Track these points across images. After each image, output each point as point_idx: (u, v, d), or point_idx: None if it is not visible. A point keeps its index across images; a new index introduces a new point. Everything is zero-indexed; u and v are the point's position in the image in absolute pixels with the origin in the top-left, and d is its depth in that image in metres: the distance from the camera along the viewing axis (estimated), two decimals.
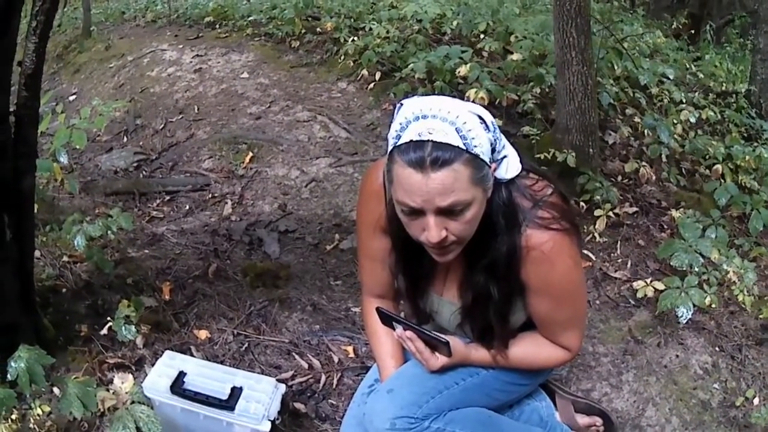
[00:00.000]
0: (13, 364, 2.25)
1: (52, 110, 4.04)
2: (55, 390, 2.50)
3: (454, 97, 1.75)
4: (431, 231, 1.70)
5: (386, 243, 2.04)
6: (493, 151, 1.72)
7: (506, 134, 1.84)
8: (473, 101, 4.38)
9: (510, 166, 1.82)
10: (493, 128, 1.72)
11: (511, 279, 1.91)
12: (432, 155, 1.61)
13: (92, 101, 4.31)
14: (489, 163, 1.71)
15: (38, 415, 2.39)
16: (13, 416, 2.35)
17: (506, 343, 2.11)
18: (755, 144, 4.96)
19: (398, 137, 1.67)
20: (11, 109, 2.40)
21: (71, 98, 6.12)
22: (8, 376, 2.25)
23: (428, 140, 1.62)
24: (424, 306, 2.15)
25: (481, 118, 1.69)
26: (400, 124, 1.67)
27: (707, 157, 4.71)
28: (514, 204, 1.83)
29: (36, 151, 2.59)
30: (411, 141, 1.63)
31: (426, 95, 1.78)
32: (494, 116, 1.74)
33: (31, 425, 2.40)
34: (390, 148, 1.70)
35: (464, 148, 1.63)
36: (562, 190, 1.94)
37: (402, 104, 1.73)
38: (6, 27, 2.25)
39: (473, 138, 1.64)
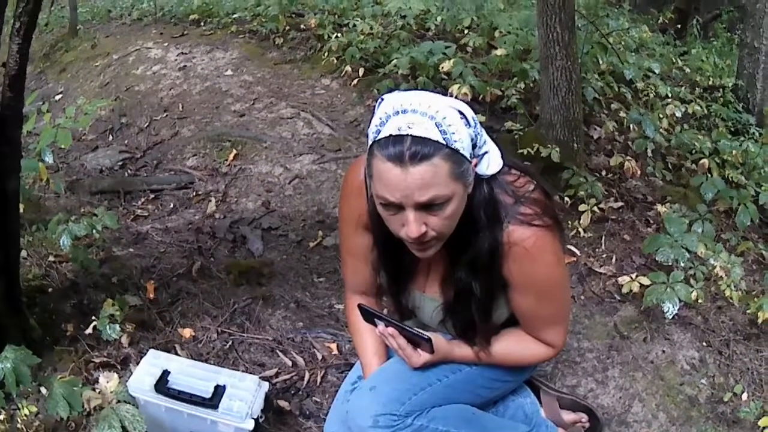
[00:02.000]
0: None
1: (38, 110, 4.01)
2: (42, 390, 2.49)
3: (437, 92, 1.74)
4: (410, 226, 1.70)
5: (368, 240, 2.04)
6: (473, 146, 1.72)
7: (490, 130, 1.84)
8: (456, 97, 4.37)
9: (491, 162, 1.82)
10: (473, 124, 1.72)
11: (493, 275, 1.92)
12: (411, 149, 1.61)
13: (77, 100, 4.29)
14: (469, 159, 1.71)
15: (26, 415, 2.39)
16: (1, 416, 2.36)
17: (489, 340, 2.12)
18: (742, 138, 4.96)
19: (378, 132, 1.66)
20: None
21: (57, 97, 6.08)
22: None
23: (408, 134, 1.61)
24: (407, 302, 2.15)
25: (461, 113, 1.69)
26: (380, 118, 1.67)
27: (693, 151, 4.72)
28: (495, 200, 1.83)
29: (20, 151, 2.58)
30: (390, 135, 1.63)
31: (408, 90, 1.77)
32: (477, 112, 1.74)
33: (18, 425, 2.39)
34: (370, 142, 1.70)
35: (444, 143, 1.63)
36: (544, 186, 1.94)
37: (382, 99, 1.73)
38: None
39: (453, 133, 1.64)
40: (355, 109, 5.22)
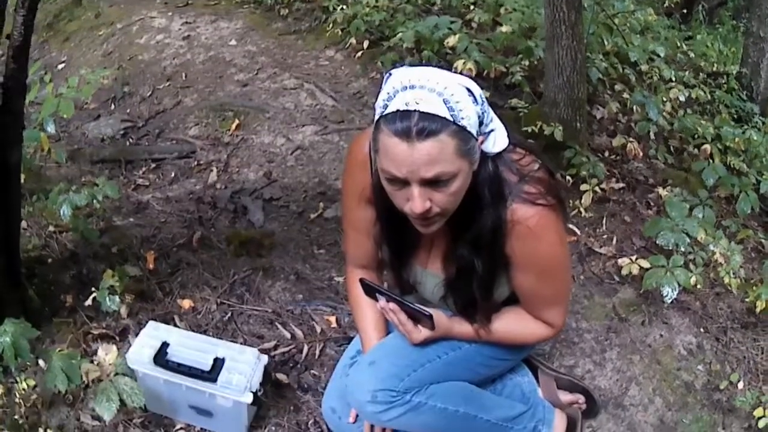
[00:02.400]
0: None
1: (40, 78, 3.98)
2: (41, 362, 2.51)
3: (442, 67, 1.74)
4: (415, 201, 1.70)
5: (371, 214, 2.05)
6: (480, 124, 1.72)
7: (493, 106, 1.83)
8: (461, 72, 4.36)
9: (497, 140, 1.82)
10: (481, 101, 1.72)
11: (495, 253, 1.92)
12: (418, 125, 1.61)
13: (80, 70, 4.25)
14: (476, 136, 1.71)
15: (24, 389, 2.40)
16: (1, 390, 2.36)
17: (489, 318, 2.13)
18: (745, 126, 4.95)
19: (385, 106, 1.66)
20: None
21: (60, 66, 6.02)
22: None
23: (415, 110, 1.61)
24: (408, 277, 2.16)
25: (469, 90, 1.68)
26: (388, 93, 1.67)
27: (696, 136, 4.71)
28: (500, 178, 1.83)
29: (23, 122, 2.57)
30: (398, 110, 1.63)
31: (414, 65, 1.77)
32: (482, 88, 1.73)
33: (17, 400, 2.40)
34: (377, 117, 1.70)
35: (451, 119, 1.62)
36: (548, 165, 1.94)
37: (390, 74, 1.72)
38: None
39: (461, 110, 1.64)
40: (359, 81, 5.20)
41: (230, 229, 3.68)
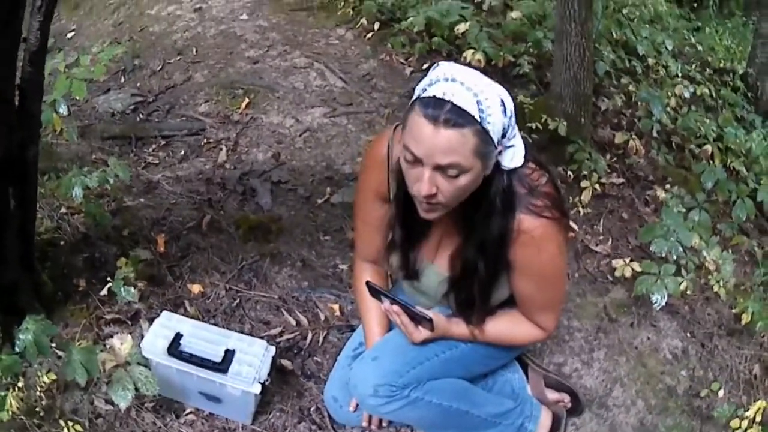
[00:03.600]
0: (21, 336, 2.32)
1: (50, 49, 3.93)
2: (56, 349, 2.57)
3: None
4: (423, 183, 1.82)
5: (383, 212, 2.18)
6: (503, 136, 1.84)
7: None
8: (470, 63, 4.42)
9: (515, 157, 1.94)
10: (510, 115, 1.85)
11: (499, 257, 2.05)
12: (447, 115, 1.73)
13: (92, 46, 4.21)
14: (496, 144, 1.82)
15: (44, 382, 2.46)
16: (20, 384, 2.41)
17: (484, 319, 2.26)
18: (746, 135, 4.99)
19: (424, 90, 1.79)
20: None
21: (70, 35, 5.99)
22: (16, 347, 2.33)
23: (449, 101, 1.74)
24: (414, 262, 2.25)
25: (502, 101, 1.81)
26: (430, 80, 1.80)
27: (698, 135, 4.75)
28: (512, 191, 1.96)
29: (40, 122, 2.62)
30: (434, 96, 1.75)
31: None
32: (489, 76, 1.84)
33: (38, 392, 2.47)
34: (414, 97, 1.82)
35: (478, 120, 1.75)
36: (555, 180, 2.06)
37: (438, 64, 1.85)
38: (13, 17, 2.25)
39: (489, 114, 1.76)
40: (369, 62, 5.21)
41: (239, 212, 3.72)
